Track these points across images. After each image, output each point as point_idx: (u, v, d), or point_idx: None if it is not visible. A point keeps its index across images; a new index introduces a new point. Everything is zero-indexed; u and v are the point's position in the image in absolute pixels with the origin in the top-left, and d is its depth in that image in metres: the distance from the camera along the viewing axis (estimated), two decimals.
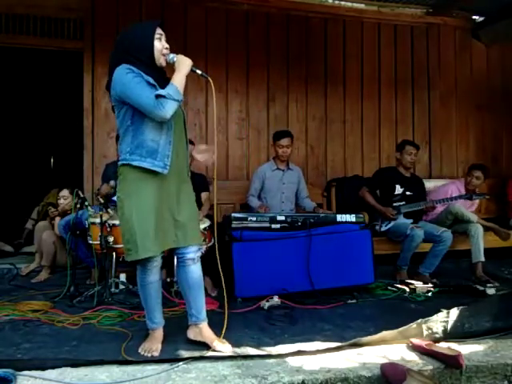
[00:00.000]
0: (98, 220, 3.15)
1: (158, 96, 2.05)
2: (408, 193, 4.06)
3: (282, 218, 3.35)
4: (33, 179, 6.58)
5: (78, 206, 3.33)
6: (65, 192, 4.03)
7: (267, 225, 3.31)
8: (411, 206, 3.98)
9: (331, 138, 5.21)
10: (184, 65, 2.18)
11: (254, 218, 3.31)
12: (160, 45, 2.19)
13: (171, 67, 2.23)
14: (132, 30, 2.22)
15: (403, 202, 4.01)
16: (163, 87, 2.13)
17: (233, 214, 3.30)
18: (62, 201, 4.02)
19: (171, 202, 2.24)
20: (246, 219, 3.29)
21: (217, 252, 2.37)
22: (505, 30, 5.16)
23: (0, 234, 5.01)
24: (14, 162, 6.88)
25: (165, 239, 2.22)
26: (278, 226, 3.32)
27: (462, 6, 5.22)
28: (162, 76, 2.24)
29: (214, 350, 2.21)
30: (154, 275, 2.26)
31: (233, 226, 3.25)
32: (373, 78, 5.32)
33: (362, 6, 5.21)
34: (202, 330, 2.32)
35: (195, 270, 2.32)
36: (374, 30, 5.33)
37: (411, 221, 3.93)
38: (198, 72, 2.24)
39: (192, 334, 2.34)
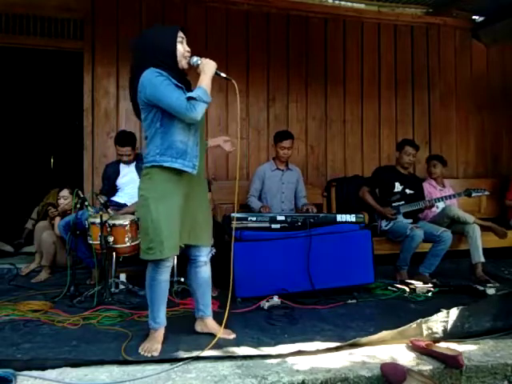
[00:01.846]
0: (97, 220, 3.15)
1: (189, 98, 2.11)
2: (408, 191, 4.06)
3: (282, 218, 3.35)
4: (33, 179, 6.58)
5: (78, 206, 3.33)
6: (65, 192, 4.02)
7: (267, 225, 3.31)
8: (411, 205, 3.98)
9: (331, 138, 5.21)
10: (209, 67, 2.26)
11: (254, 218, 3.30)
12: (182, 48, 2.26)
13: (193, 70, 2.29)
14: (154, 33, 2.27)
15: (403, 202, 4.01)
16: (186, 89, 2.20)
17: (233, 214, 3.30)
18: (62, 201, 4.01)
19: (192, 202, 2.32)
20: (245, 219, 3.29)
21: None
22: (505, 30, 5.15)
23: (0, 234, 5.01)
24: (14, 162, 6.87)
25: (180, 237, 2.30)
26: (278, 226, 3.32)
27: (462, 6, 5.21)
28: (184, 78, 2.30)
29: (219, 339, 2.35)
30: (165, 274, 2.31)
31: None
32: (373, 77, 5.32)
33: (362, 6, 5.22)
34: (208, 323, 2.48)
35: (206, 271, 2.48)
36: (374, 30, 5.33)
37: (411, 221, 3.93)
38: (223, 75, 2.31)
39: (199, 327, 2.50)
